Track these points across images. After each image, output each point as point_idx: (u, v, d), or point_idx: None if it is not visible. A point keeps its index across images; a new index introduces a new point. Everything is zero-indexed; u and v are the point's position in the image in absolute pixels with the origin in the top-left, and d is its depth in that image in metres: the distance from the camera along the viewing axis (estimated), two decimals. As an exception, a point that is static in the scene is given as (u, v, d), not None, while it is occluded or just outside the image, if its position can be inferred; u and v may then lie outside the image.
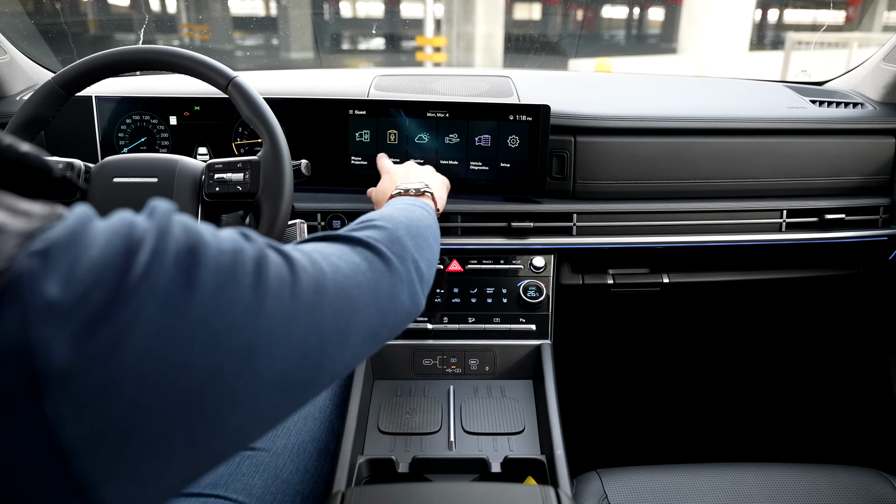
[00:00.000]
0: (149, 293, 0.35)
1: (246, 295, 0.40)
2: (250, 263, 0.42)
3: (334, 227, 1.19)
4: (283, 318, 0.42)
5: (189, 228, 0.39)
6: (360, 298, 0.52)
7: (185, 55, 0.91)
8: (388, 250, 0.59)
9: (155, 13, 6.65)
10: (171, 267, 0.36)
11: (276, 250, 0.46)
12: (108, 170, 0.90)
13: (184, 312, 0.36)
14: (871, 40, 5.34)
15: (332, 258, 0.52)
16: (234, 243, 0.42)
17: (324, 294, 0.47)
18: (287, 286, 0.44)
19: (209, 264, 0.38)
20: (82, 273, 0.33)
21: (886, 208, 1.29)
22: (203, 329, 0.37)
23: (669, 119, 1.22)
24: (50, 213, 0.35)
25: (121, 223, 0.37)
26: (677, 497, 0.92)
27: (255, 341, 0.40)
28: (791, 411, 1.72)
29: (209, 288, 0.38)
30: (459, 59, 8.14)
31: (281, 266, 0.45)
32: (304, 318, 0.45)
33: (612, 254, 1.29)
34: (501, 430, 1.02)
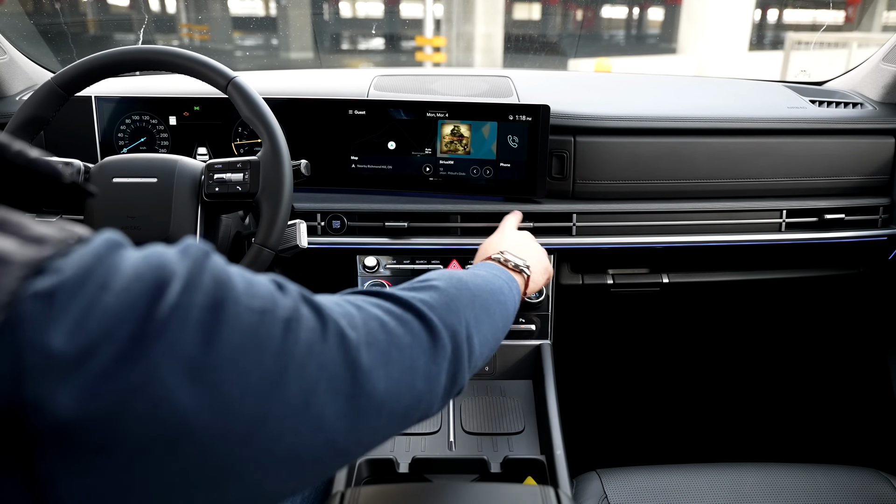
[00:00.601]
0: (164, 353, 0.32)
1: (267, 361, 0.37)
2: (279, 325, 0.38)
3: (334, 227, 1.19)
4: (301, 391, 0.38)
5: (220, 278, 0.36)
6: (387, 377, 0.45)
7: (184, 55, 0.91)
8: (439, 321, 0.51)
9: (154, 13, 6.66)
10: (194, 324, 0.33)
11: (312, 307, 0.42)
12: (107, 170, 0.90)
13: (198, 377, 0.33)
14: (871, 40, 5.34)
15: (373, 324, 0.46)
16: (266, 300, 0.38)
17: (353, 369, 0.42)
18: (315, 354, 0.40)
19: (232, 324, 0.35)
20: (93, 322, 0.30)
21: (886, 208, 1.28)
22: (213, 395, 0.34)
23: (669, 119, 1.22)
24: (66, 237, 0.32)
25: (146, 264, 0.34)
26: (677, 497, 0.92)
27: (268, 412, 0.36)
28: (791, 411, 1.72)
29: (228, 351, 0.35)
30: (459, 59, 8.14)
31: (313, 330, 0.40)
32: (326, 392, 0.40)
33: (612, 254, 1.29)
34: (501, 431, 1.02)
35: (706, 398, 1.77)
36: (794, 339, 1.70)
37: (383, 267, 1.20)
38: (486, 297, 0.62)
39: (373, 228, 1.19)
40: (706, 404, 1.77)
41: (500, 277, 0.71)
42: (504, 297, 0.67)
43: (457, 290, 0.57)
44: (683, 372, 1.77)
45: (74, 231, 0.33)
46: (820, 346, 1.67)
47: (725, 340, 1.74)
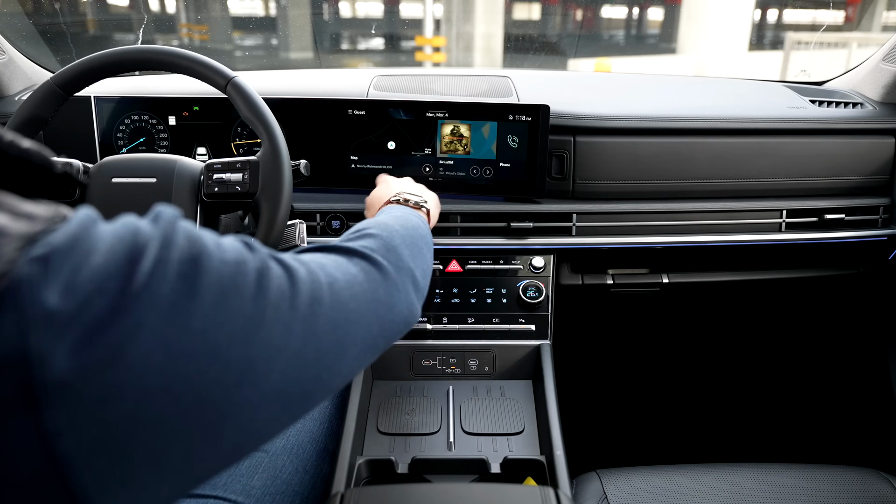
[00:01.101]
0: (151, 303, 0.34)
1: (247, 307, 0.40)
2: (252, 274, 0.41)
3: (333, 227, 1.19)
4: (281, 331, 0.42)
5: (192, 237, 0.39)
6: (356, 310, 0.52)
7: (183, 55, 0.91)
8: (384, 260, 0.59)
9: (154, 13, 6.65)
10: (174, 277, 0.36)
11: (277, 261, 0.46)
12: (106, 170, 0.90)
13: (185, 323, 0.36)
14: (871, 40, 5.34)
15: (329, 269, 0.51)
16: (238, 253, 0.41)
17: (321, 306, 0.47)
18: (286, 298, 0.43)
19: (212, 274, 0.38)
20: (83, 281, 0.32)
21: (886, 208, 1.28)
22: (204, 341, 0.36)
23: (669, 119, 1.22)
24: (53, 215, 0.34)
25: (124, 229, 0.36)
26: (677, 497, 0.92)
27: (255, 354, 0.40)
28: (791, 411, 1.72)
29: (211, 299, 0.37)
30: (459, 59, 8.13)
31: (281, 277, 0.44)
32: (302, 330, 0.44)
33: (612, 254, 1.29)
34: (501, 431, 1.02)
35: (706, 398, 1.77)
36: (794, 340, 1.70)
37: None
38: (412, 234, 0.69)
39: (372, 228, 1.18)
40: (706, 404, 1.77)
41: (410, 215, 0.78)
42: (422, 230, 0.74)
43: (388, 234, 0.64)
44: (683, 372, 1.77)
45: (59, 210, 0.35)
46: (820, 347, 1.67)
47: (725, 341, 1.74)
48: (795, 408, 1.72)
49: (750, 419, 1.74)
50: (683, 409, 1.77)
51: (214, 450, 0.38)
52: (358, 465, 0.93)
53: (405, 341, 1.15)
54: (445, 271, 1.19)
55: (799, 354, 1.71)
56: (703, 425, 1.76)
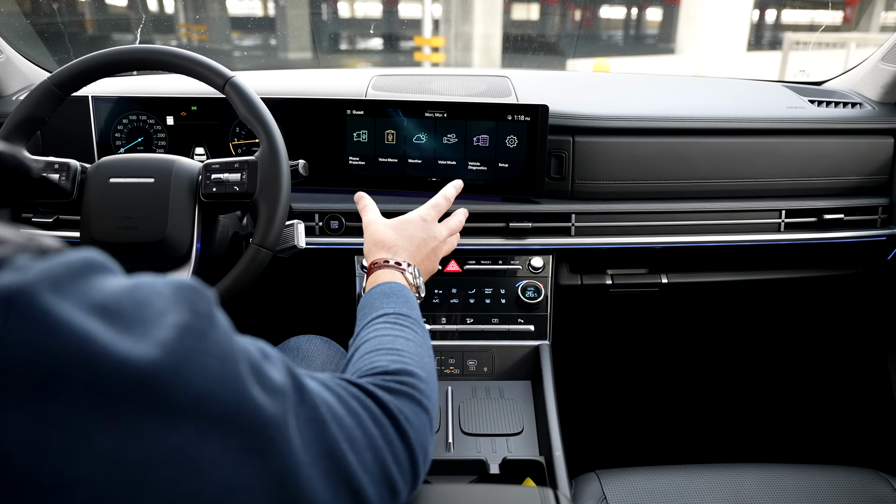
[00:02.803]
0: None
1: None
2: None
3: (332, 227, 1.19)
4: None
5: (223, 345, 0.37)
6: (363, 468, 0.47)
7: (181, 55, 0.91)
8: (415, 440, 0.53)
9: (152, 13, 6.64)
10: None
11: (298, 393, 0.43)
12: (104, 170, 0.90)
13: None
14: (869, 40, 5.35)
15: (349, 421, 0.48)
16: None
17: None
18: (299, 438, 0.42)
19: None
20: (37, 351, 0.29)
21: (885, 208, 1.28)
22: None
23: (668, 119, 1.22)
24: (27, 242, 0.32)
25: (130, 297, 0.34)
26: (676, 498, 0.92)
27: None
28: (790, 411, 1.72)
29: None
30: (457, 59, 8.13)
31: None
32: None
33: (611, 254, 1.29)
34: (500, 432, 1.02)
35: (705, 398, 1.77)
36: (793, 340, 1.70)
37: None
38: (436, 384, 0.63)
39: (371, 229, 1.18)
40: (705, 405, 1.77)
41: (425, 332, 0.73)
42: (433, 359, 0.69)
43: (429, 400, 0.58)
44: (682, 372, 1.77)
45: (40, 240, 0.33)
46: (819, 347, 1.67)
47: (725, 341, 1.74)
48: (795, 408, 1.71)
49: (749, 419, 1.74)
50: (683, 409, 1.77)
51: None
52: (356, 466, 0.93)
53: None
54: (444, 272, 1.19)
55: (798, 354, 1.71)
56: (703, 425, 1.76)
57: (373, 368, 0.58)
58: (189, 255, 0.90)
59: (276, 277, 1.31)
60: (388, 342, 0.63)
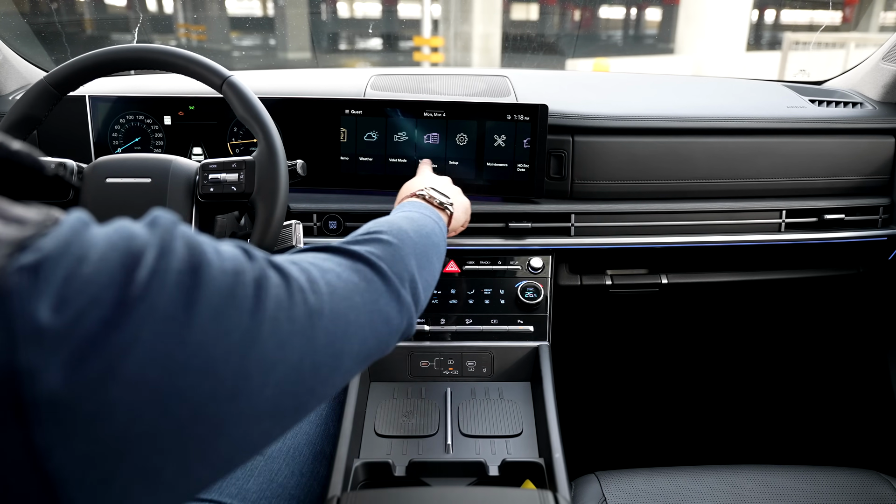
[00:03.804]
0: (147, 315, 0.33)
1: (244, 319, 0.38)
2: (251, 286, 0.40)
3: (330, 227, 1.18)
4: (278, 344, 0.41)
5: (192, 244, 0.38)
6: (355, 321, 0.50)
7: (179, 54, 0.90)
8: (390, 270, 0.56)
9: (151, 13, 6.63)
10: (173, 287, 0.35)
11: (275, 269, 0.44)
12: (101, 170, 0.89)
13: (182, 337, 0.34)
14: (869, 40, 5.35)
15: (330, 276, 0.50)
16: (236, 262, 0.40)
17: (320, 317, 0.45)
18: (284, 310, 0.42)
19: (210, 286, 0.37)
20: (75, 292, 0.31)
21: (886, 208, 1.28)
22: (200, 355, 0.35)
23: (668, 119, 1.21)
24: (45, 218, 0.33)
25: (119, 235, 0.35)
26: (676, 499, 0.91)
27: (250, 368, 0.38)
28: (790, 412, 1.72)
29: (209, 311, 0.36)
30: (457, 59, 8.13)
31: (280, 287, 0.43)
32: (299, 344, 0.43)
33: (611, 254, 1.28)
34: (499, 433, 1.01)
35: (705, 400, 1.76)
36: (793, 340, 1.70)
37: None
38: (424, 242, 0.66)
39: (370, 229, 1.18)
40: (705, 406, 1.76)
41: (430, 218, 0.75)
42: (437, 238, 0.72)
43: (399, 240, 0.61)
44: (683, 373, 1.77)
45: (51, 213, 0.34)
46: (820, 347, 1.66)
47: (725, 341, 1.73)
48: (795, 409, 1.71)
49: (749, 420, 1.74)
50: (683, 410, 1.77)
51: (208, 464, 0.37)
52: (355, 468, 0.92)
53: (402, 343, 1.14)
54: (443, 272, 1.19)
55: (799, 355, 1.70)
56: (703, 427, 1.75)
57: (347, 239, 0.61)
58: (186, 256, 0.89)
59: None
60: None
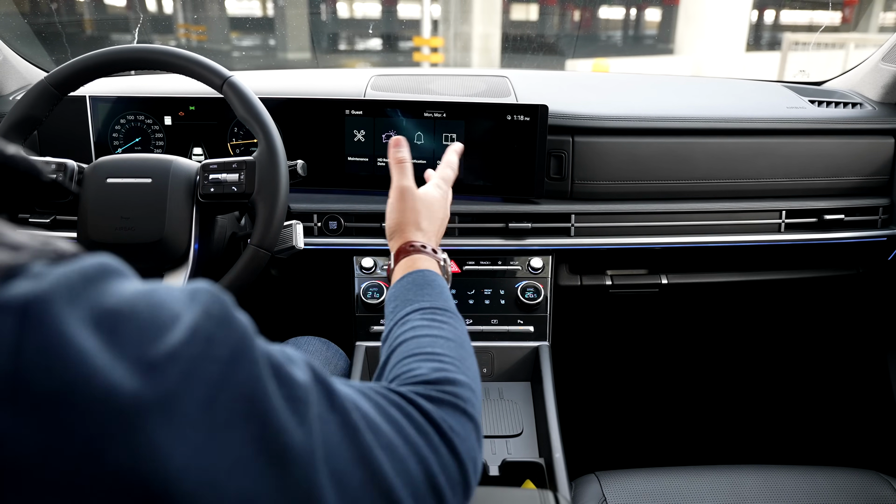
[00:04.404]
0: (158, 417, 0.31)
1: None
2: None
3: (330, 227, 1.18)
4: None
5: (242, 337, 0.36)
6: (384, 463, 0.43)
7: (179, 54, 0.91)
8: (466, 455, 0.49)
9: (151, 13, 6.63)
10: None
11: (331, 403, 0.41)
12: (101, 170, 0.89)
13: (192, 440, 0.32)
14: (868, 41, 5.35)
15: (390, 438, 0.44)
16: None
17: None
18: (332, 456, 0.39)
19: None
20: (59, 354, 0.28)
21: (885, 209, 1.28)
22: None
23: (668, 119, 1.21)
24: (43, 247, 0.31)
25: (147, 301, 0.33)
26: (676, 499, 0.91)
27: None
28: (790, 413, 1.72)
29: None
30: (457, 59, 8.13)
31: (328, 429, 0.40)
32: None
33: (611, 255, 1.28)
34: (499, 433, 1.01)
35: (705, 400, 1.76)
36: (793, 341, 1.70)
37: (380, 268, 1.19)
38: (479, 388, 0.59)
39: (370, 229, 1.18)
40: (705, 406, 1.76)
41: (461, 325, 0.66)
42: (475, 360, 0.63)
43: (474, 409, 0.54)
44: (683, 373, 1.77)
45: (56, 244, 0.32)
46: (819, 348, 1.66)
47: (725, 342, 1.73)
48: (795, 409, 1.71)
49: (749, 420, 1.74)
50: (683, 410, 1.77)
51: None
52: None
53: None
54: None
55: (798, 355, 1.70)
56: (703, 427, 1.75)
57: (413, 377, 0.53)
58: (187, 256, 0.89)
59: (274, 278, 1.31)
60: (426, 344, 0.58)
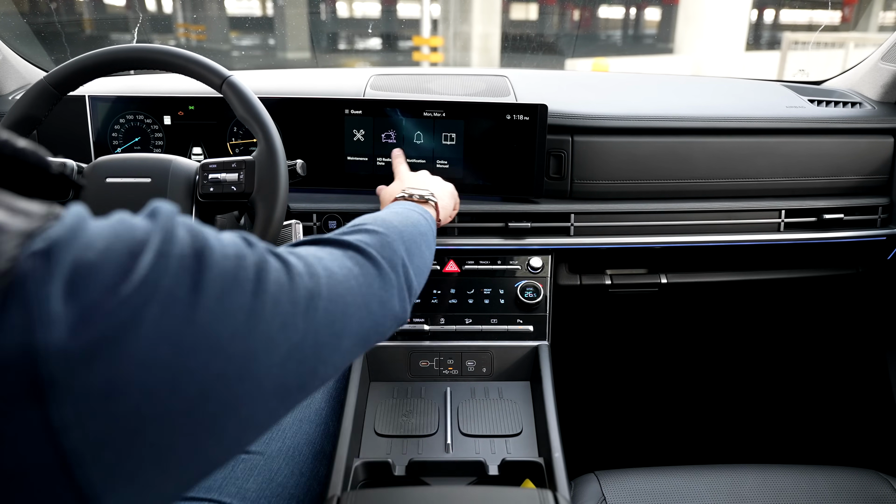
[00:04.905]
0: (152, 296, 0.34)
1: (247, 301, 0.40)
2: (252, 269, 0.42)
3: (330, 227, 1.18)
4: (281, 324, 0.42)
5: (194, 232, 0.39)
6: (352, 303, 0.52)
7: (178, 54, 0.90)
8: (379, 256, 0.59)
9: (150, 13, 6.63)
10: (176, 270, 0.36)
11: (275, 255, 0.46)
12: (100, 170, 0.89)
13: (189, 317, 0.36)
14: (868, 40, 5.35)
15: (326, 262, 0.52)
16: (238, 248, 0.42)
17: (319, 299, 0.48)
18: (285, 292, 0.44)
19: (214, 269, 0.38)
20: (84, 276, 0.32)
21: (885, 208, 1.28)
22: (207, 335, 0.37)
23: (667, 119, 1.21)
24: (48, 212, 0.34)
25: (121, 225, 0.36)
26: (676, 499, 0.91)
27: (255, 347, 0.40)
28: (790, 412, 1.72)
29: (214, 293, 0.38)
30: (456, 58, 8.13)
31: (280, 271, 0.45)
32: (301, 324, 0.45)
33: (610, 254, 1.28)
34: (499, 433, 1.01)
35: (705, 399, 1.76)
36: (792, 340, 1.70)
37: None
38: (411, 231, 0.70)
39: (369, 229, 1.18)
40: (705, 405, 1.76)
41: (413, 211, 0.78)
42: (423, 227, 0.75)
43: (386, 229, 0.64)
44: (682, 373, 1.77)
45: (53, 208, 0.35)
46: (819, 347, 1.66)
47: (724, 341, 1.73)
48: (794, 408, 1.71)
49: (749, 420, 1.74)
50: (682, 409, 1.77)
51: (217, 444, 0.39)
52: (354, 468, 0.93)
53: (402, 342, 1.14)
54: (443, 272, 1.19)
55: (798, 355, 1.70)
56: (702, 426, 1.75)
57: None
58: (186, 256, 0.89)
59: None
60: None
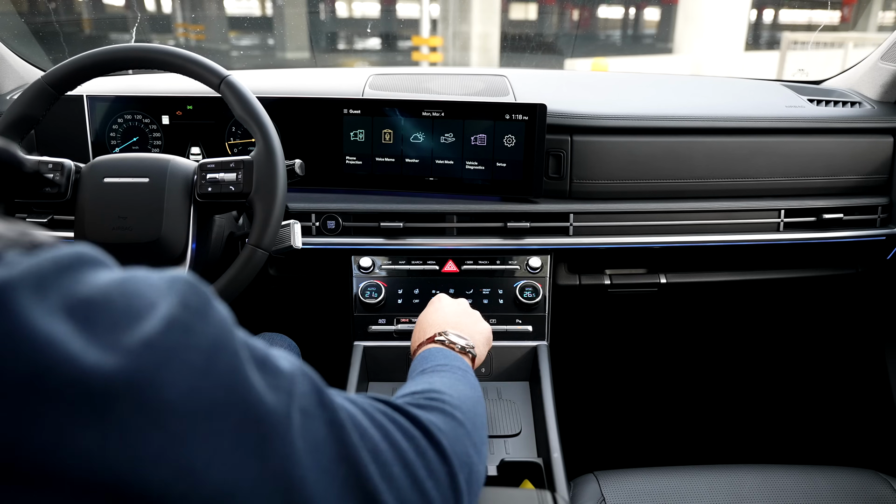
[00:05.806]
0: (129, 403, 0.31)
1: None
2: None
3: (328, 227, 1.18)
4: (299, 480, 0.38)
5: (222, 329, 0.36)
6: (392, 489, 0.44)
7: (177, 53, 0.90)
8: (451, 450, 0.49)
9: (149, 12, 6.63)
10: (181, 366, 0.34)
11: (321, 403, 0.41)
12: (98, 170, 0.89)
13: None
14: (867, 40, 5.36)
15: (378, 436, 0.45)
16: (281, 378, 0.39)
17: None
18: (319, 452, 0.40)
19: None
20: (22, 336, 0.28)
21: (884, 208, 1.28)
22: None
23: (666, 118, 1.21)
24: (19, 238, 0.31)
25: (120, 289, 0.33)
26: (675, 499, 0.91)
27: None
28: (789, 412, 1.72)
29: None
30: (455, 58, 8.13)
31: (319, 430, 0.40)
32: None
33: (609, 254, 1.28)
34: (498, 433, 1.01)
35: (704, 399, 1.76)
36: (792, 340, 1.70)
37: (378, 268, 1.19)
38: (481, 417, 0.61)
39: (368, 229, 1.18)
40: (704, 405, 1.76)
41: (468, 375, 0.70)
42: (482, 403, 0.66)
43: (463, 414, 0.55)
44: (681, 373, 1.77)
45: (32, 234, 0.32)
46: (818, 347, 1.66)
47: (723, 341, 1.73)
48: (794, 408, 1.71)
49: (748, 420, 1.74)
50: (681, 410, 1.77)
51: None
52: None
53: (401, 342, 1.14)
54: (442, 272, 1.19)
55: (797, 355, 1.70)
56: (702, 426, 1.75)
57: (402, 394, 0.55)
58: (184, 256, 0.89)
59: (272, 278, 1.31)
60: (423, 379, 0.62)
